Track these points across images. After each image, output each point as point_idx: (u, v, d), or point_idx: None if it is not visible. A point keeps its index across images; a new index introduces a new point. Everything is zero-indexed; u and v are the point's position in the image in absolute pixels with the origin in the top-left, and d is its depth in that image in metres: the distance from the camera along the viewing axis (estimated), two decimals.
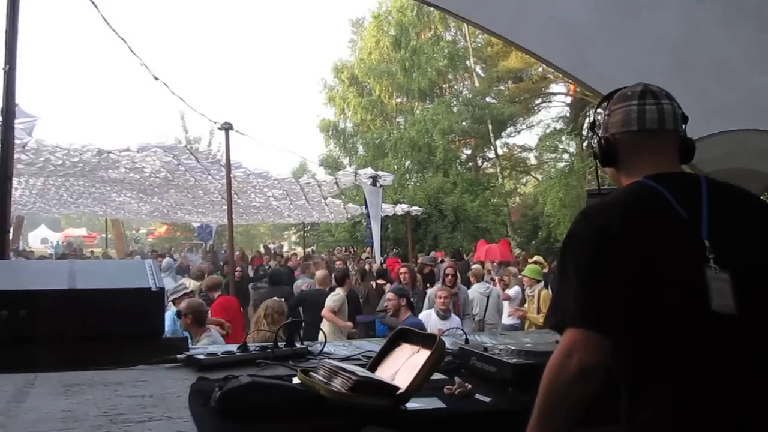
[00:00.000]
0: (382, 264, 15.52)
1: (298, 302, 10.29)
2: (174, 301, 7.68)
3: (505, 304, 11.14)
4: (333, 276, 10.66)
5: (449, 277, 10.20)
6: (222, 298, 9.45)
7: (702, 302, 1.77)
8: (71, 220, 59.89)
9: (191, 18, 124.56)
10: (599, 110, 2.18)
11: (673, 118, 2.03)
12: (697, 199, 1.91)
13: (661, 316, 1.79)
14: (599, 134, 2.15)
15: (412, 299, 8.18)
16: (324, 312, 8.98)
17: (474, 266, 13.08)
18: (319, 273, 11.41)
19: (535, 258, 14.53)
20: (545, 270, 14.18)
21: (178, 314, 7.37)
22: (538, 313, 9.98)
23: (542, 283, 10.90)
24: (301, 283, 12.67)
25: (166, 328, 7.09)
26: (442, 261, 17.74)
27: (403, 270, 11.26)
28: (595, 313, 1.81)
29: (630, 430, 1.87)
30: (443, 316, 8.02)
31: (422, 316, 8.17)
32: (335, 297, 9.30)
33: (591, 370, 1.80)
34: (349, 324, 9.28)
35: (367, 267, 15.26)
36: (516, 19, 4.25)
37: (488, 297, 10.63)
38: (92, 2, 7.35)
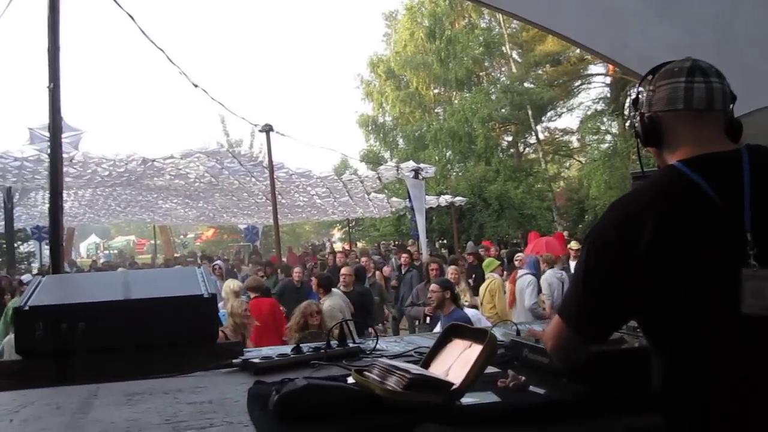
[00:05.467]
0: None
1: None
2: None
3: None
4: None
5: (433, 272, 10.30)
6: (254, 300, 9.41)
7: (730, 304, 1.65)
8: (120, 229, 60.95)
9: (225, 22, 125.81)
10: (642, 86, 1.97)
11: (722, 97, 1.84)
12: (738, 183, 1.72)
13: (683, 320, 1.71)
14: (642, 111, 1.95)
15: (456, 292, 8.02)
16: None
17: (545, 255, 12.91)
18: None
19: (572, 243, 14.37)
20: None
21: None
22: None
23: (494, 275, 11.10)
24: None
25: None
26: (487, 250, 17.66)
27: (433, 265, 11.09)
28: (584, 317, 1.84)
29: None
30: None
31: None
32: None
33: (562, 359, 1.95)
34: None
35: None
36: (550, 4, 4.22)
37: (563, 282, 10.68)
38: (129, 15, 7.49)
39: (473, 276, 13.20)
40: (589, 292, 1.81)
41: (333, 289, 9.61)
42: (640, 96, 1.98)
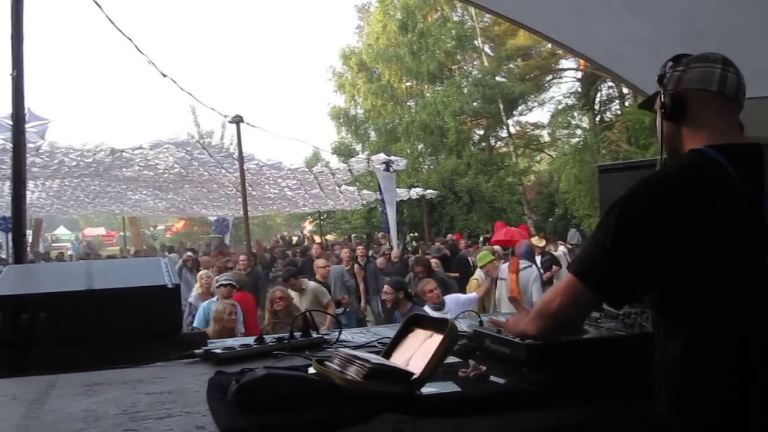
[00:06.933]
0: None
1: None
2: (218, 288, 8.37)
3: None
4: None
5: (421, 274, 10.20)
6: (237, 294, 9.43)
7: (754, 282, 1.79)
8: (89, 220, 60.18)
9: (195, 12, 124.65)
10: (668, 66, 2.07)
11: (744, 94, 2.00)
12: (759, 175, 1.86)
13: (706, 294, 1.81)
14: (668, 89, 2.03)
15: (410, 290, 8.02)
16: None
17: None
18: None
19: (533, 239, 14.49)
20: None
21: None
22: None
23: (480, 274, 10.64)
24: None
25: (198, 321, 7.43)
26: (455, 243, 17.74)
27: (418, 268, 10.77)
28: (605, 278, 1.89)
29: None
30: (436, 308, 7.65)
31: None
32: None
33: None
34: None
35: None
36: None
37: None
38: (96, 3, 7.38)
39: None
40: (616, 256, 1.87)
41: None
42: (666, 73, 2.06)
